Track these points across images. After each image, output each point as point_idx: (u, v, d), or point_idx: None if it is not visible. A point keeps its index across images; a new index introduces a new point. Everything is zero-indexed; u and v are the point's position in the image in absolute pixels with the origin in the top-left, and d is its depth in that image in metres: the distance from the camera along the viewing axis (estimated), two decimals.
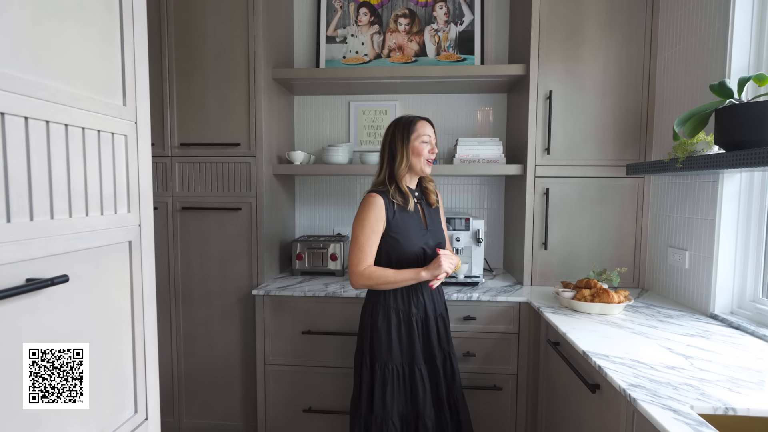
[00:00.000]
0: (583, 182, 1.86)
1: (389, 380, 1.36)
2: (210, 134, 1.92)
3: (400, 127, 1.40)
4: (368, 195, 1.37)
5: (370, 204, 1.35)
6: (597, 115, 1.84)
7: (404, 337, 1.39)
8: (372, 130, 2.35)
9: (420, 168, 1.40)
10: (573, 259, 1.89)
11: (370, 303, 1.43)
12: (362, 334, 1.44)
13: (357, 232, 1.36)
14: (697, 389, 0.93)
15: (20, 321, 0.54)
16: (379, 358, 1.37)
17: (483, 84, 2.09)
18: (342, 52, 2.27)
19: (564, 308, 1.55)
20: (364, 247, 1.35)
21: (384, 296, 1.40)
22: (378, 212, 1.35)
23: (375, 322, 1.39)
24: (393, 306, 1.39)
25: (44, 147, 0.57)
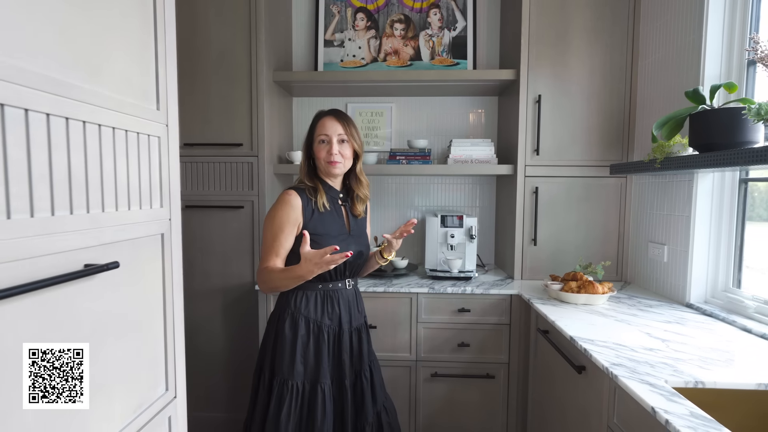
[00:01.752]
0: (570, 181, 1.97)
1: (286, 399, 1.24)
2: (213, 135, 1.98)
3: (311, 126, 1.37)
4: (284, 192, 1.32)
5: (282, 201, 1.29)
6: (583, 118, 1.95)
7: (311, 350, 1.28)
8: (369, 131, 2.43)
9: (324, 170, 1.33)
10: (561, 254, 2.00)
11: (278, 308, 1.33)
12: (265, 344, 1.33)
13: (264, 231, 1.29)
14: (671, 367, 1.03)
15: (78, 300, 0.61)
16: (279, 372, 1.26)
17: (475, 87, 2.19)
18: (340, 55, 2.35)
19: (552, 299, 1.65)
20: (269, 247, 1.26)
21: (295, 301, 1.30)
22: (289, 210, 1.27)
23: (281, 329, 1.28)
24: (303, 313, 1.29)
25: (96, 148, 0.64)
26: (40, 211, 0.54)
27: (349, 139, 1.35)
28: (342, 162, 1.34)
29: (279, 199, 1.30)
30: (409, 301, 1.85)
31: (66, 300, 0.59)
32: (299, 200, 1.30)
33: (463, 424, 1.87)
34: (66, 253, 0.58)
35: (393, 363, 1.87)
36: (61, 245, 0.57)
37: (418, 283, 1.91)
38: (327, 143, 1.32)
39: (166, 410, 0.82)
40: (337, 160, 1.32)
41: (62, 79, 0.57)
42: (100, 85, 0.65)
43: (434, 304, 1.84)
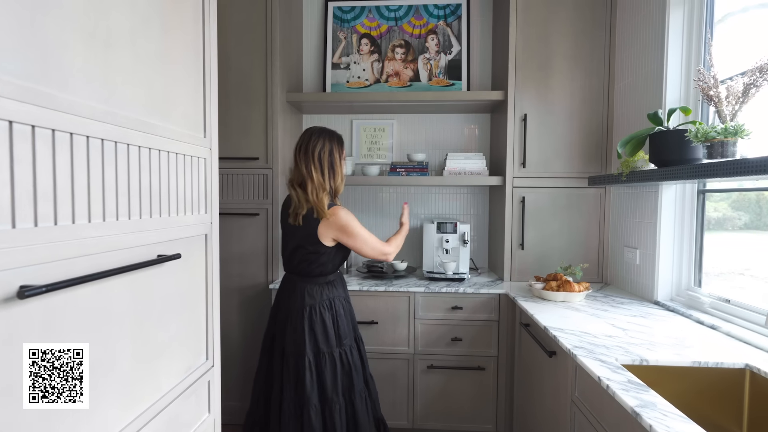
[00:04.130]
0: (554, 191, 2.17)
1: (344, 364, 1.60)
2: (232, 149, 2.21)
3: (336, 142, 1.59)
4: (337, 208, 1.54)
5: (345, 211, 1.56)
6: (565, 135, 2.16)
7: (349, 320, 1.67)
8: (371, 145, 2.65)
9: (342, 184, 1.62)
10: (546, 257, 2.19)
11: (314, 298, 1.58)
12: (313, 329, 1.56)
13: (358, 231, 1.57)
14: (624, 349, 1.22)
15: (153, 281, 0.83)
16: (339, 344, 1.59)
17: (469, 106, 2.41)
18: (346, 77, 2.58)
19: (535, 297, 1.85)
20: (374, 237, 1.63)
21: (331, 288, 1.62)
22: (354, 215, 1.60)
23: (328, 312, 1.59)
24: (341, 295, 1.66)
25: (166, 168, 0.87)
26: (134, 214, 0.76)
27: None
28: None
29: (347, 215, 1.56)
30: (407, 299, 2.05)
31: (146, 280, 0.80)
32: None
33: (456, 412, 2.06)
34: (147, 246, 0.80)
35: (393, 356, 2.06)
36: (145, 240, 0.79)
37: (416, 283, 2.12)
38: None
39: (206, 375, 1.03)
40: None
41: (147, 120, 0.80)
42: (169, 123, 0.87)
43: (430, 302, 2.04)
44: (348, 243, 1.57)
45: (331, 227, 1.53)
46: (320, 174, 1.55)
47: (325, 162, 1.56)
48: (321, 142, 1.59)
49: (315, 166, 1.55)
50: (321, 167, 1.56)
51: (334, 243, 1.58)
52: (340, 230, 1.54)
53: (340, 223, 1.53)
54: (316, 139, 1.59)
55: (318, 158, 1.56)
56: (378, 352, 2.07)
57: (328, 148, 1.58)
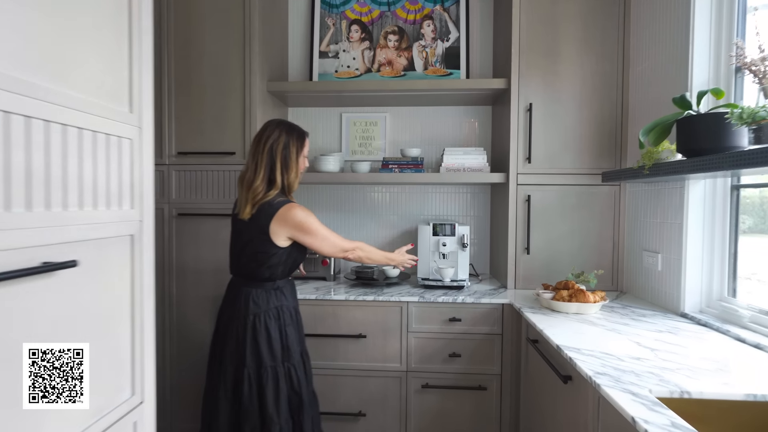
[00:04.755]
0: (563, 189, 1.96)
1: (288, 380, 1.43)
2: (206, 143, 2.00)
3: (294, 136, 1.45)
4: (293, 205, 1.40)
5: (301, 208, 1.41)
6: (575, 126, 1.94)
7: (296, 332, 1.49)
8: (363, 140, 2.44)
9: (296, 181, 1.46)
10: (554, 263, 1.97)
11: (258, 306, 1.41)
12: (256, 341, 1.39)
13: (316, 228, 1.43)
14: (657, 376, 1.00)
15: (34, 299, 0.61)
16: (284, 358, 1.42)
17: (468, 97, 2.20)
18: (334, 66, 2.38)
19: (544, 309, 1.62)
20: (334, 235, 1.49)
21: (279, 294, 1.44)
22: (311, 212, 1.45)
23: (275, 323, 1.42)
24: (288, 303, 1.47)
25: (59, 146, 0.65)
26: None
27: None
28: None
29: (301, 211, 1.41)
30: (399, 310, 1.83)
31: (24, 297, 0.58)
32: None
33: None
34: (22, 250, 0.58)
35: (383, 374, 1.84)
36: (15, 241, 0.57)
37: (410, 291, 1.89)
38: (306, 158, 1.53)
39: (131, 415, 0.81)
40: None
41: (24, 78, 0.58)
42: (65, 87, 0.65)
43: (425, 314, 1.82)
44: (306, 241, 1.43)
45: (287, 225, 1.38)
46: (269, 168, 1.42)
47: (277, 155, 1.42)
48: (276, 133, 1.45)
49: (263, 158, 1.42)
50: (271, 160, 1.42)
51: (289, 242, 1.42)
52: (296, 228, 1.40)
53: (297, 220, 1.39)
54: (271, 130, 1.46)
55: (269, 150, 1.43)
56: (366, 369, 1.84)
57: (283, 141, 1.44)
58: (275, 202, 1.38)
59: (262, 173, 1.41)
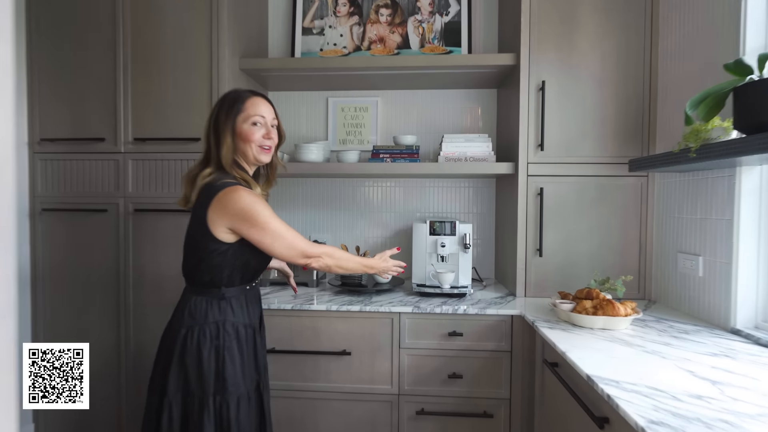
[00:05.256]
0: (581, 181, 1.68)
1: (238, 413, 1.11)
2: (168, 128, 1.73)
3: (226, 100, 1.17)
4: (237, 187, 1.07)
5: (256, 197, 1.09)
6: (595, 108, 1.67)
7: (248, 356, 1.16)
8: (352, 128, 2.17)
9: (253, 156, 1.16)
10: (571, 267, 1.69)
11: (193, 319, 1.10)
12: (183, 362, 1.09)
13: (266, 220, 1.07)
14: (735, 427, 0.72)
15: None
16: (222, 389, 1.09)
17: (471, 77, 1.93)
18: (319, 44, 2.11)
19: (562, 322, 1.35)
20: (293, 234, 1.13)
21: (223, 306, 1.12)
22: (260, 198, 1.11)
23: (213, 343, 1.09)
24: (234, 318, 1.13)
25: None
26: None
27: (279, 122, 1.25)
28: (272, 149, 1.21)
29: (248, 196, 1.08)
30: (390, 322, 1.55)
31: None
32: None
33: None
34: None
35: (370, 398, 1.56)
36: None
37: (402, 300, 1.62)
38: (262, 126, 1.17)
39: None
40: (271, 146, 1.20)
41: None
42: None
43: (420, 327, 1.54)
44: (252, 237, 1.09)
45: (225, 212, 1.07)
46: (205, 147, 1.19)
47: (210, 127, 1.17)
48: (214, 107, 1.20)
49: (204, 134, 1.20)
50: (207, 135, 1.18)
51: (236, 238, 1.11)
52: (237, 217, 1.07)
53: (238, 206, 1.06)
54: (215, 105, 1.21)
55: (206, 125, 1.20)
56: (351, 392, 1.56)
57: (215, 110, 1.18)
58: (218, 183, 1.09)
59: (203, 153, 1.19)
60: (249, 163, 1.20)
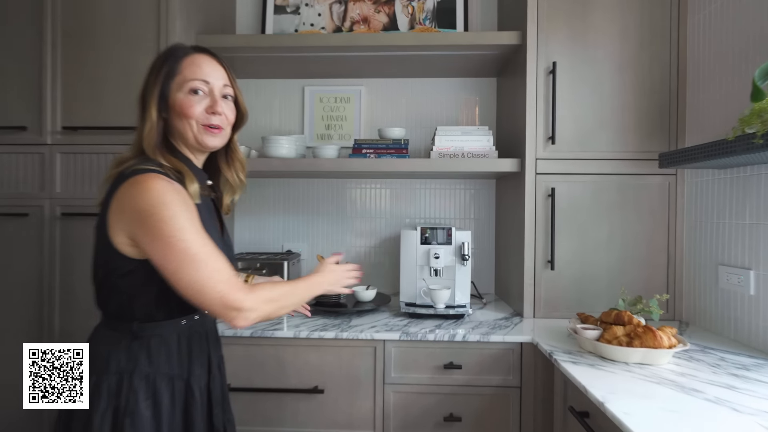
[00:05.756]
0: (599, 180, 1.43)
1: None
2: (105, 116, 1.44)
3: (155, 64, 0.84)
4: (149, 175, 0.74)
5: (170, 188, 0.74)
6: (614, 94, 1.42)
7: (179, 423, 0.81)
8: (331, 121, 1.89)
9: (194, 137, 0.83)
10: (588, 282, 1.43)
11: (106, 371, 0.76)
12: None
13: (177, 227, 0.71)
14: None
15: None
16: None
17: (468, 63, 1.67)
18: (294, 24, 1.84)
19: (587, 354, 1.08)
20: (208, 255, 0.73)
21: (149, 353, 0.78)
22: (183, 197, 0.76)
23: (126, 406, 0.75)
24: (164, 369, 0.79)
25: None
26: None
27: (236, 92, 0.90)
28: (225, 129, 0.87)
29: (160, 189, 0.73)
30: (372, 351, 1.26)
31: None
32: (177, 184, 0.78)
33: None
34: None
35: None
36: None
37: (388, 323, 1.33)
38: (206, 95, 0.84)
39: None
40: (221, 125, 0.86)
41: None
42: None
43: (410, 357, 1.26)
44: (152, 253, 0.73)
45: (123, 212, 0.74)
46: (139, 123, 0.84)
47: (140, 103, 0.84)
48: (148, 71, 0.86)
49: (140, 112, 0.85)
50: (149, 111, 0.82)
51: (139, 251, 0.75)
52: (134, 220, 0.72)
53: (140, 203, 0.72)
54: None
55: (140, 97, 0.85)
56: None
57: (146, 76, 0.85)
58: (127, 171, 0.77)
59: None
60: (191, 149, 0.87)
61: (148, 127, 0.81)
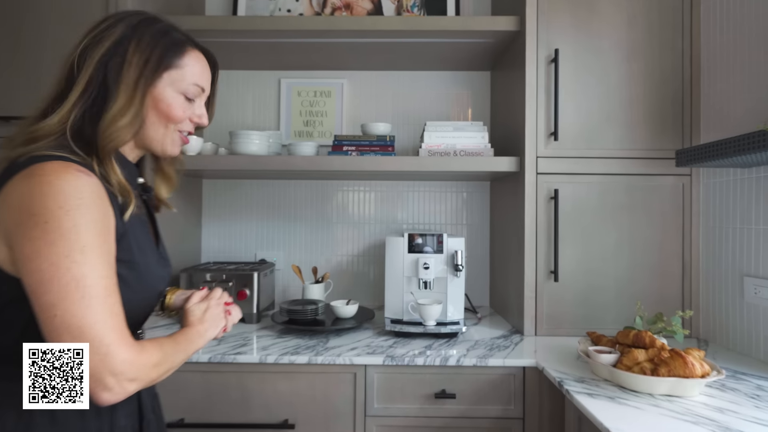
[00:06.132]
0: (606, 181, 1.28)
1: None
2: None
3: (147, 36, 0.64)
4: (51, 164, 0.54)
5: (76, 184, 0.54)
6: (621, 86, 1.28)
7: None
8: (310, 117, 1.72)
9: (161, 144, 0.68)
10: (595, 294, 1.27)
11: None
12: None
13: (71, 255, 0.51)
14: None
15: None
16: None
17: (461, 52, 1.52)
18: (269, 9, 1.67)
19: (603, 382, 0.92)
20: (109, 287, 0.54)
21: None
22: (101, 203, 0.56)
23: None
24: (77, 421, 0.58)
25: None
26: None
27: (213, 99, 0.77)
28: (188, 140, 0.74)
29: (72, 183, 0.53)
30: (352, 378, 1.08)
31: None
32: (102, 187, 0.58)
33: None
34: None
35: None
36: None
37: (371, 344, 1.16)
38: (190, 102, 0.69)
39: None
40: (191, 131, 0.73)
41: None
42: None
43: (395, 384, 1.08)
44: (26, 268, 0.51)
45: (10, 207, 0.53)
46: (64, 83, 0.62)
47: (91, 75, 0.61)
48: (118, 31, 0.63)
49: (64, 65, 0.63)
50: (71, 67, 0.62)
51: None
52: (21, 221, 0.51)
53: (38, 201, 0.51)
54: (108, 24, 0.64)
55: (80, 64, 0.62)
56: None
57: (112, 44, 0.62)
58: (33, 155, 0.55)
59: (50, 94, 0.63)
60: (136, 147, 0.69)
61: (117, 113, 0.61)
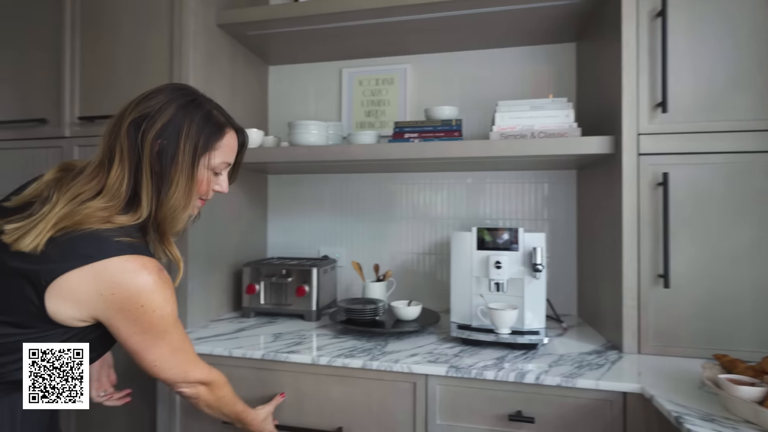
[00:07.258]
0: (737, 161, 1.01)
1: None
2: (121, 102, 1.30)
3: (199, 119, 0.71)
4: (141, 259, 0.64)
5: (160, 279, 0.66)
6: (758, 39, 1.00)
7: None
8: (372, 107, 1.64)
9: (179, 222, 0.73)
10: (722, 305, 1.00)
11: None
12: None
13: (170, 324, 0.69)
14: None
15: None
16: None
17: (539, 20, 1.32)
18: None
19: (741, 423, 0.68)
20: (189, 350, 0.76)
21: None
22: (171, 285, 0.70)
23: None
24: None
25: None
26: None
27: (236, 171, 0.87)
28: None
29: (157, 279, 0.66)
30: (411, 388, 0.96)
31: None
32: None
33: None
34: None
35: None
36: None
37: (434, 351, 1.03)
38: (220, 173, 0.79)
39: None
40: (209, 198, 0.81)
41: None
42: None
43: (461, 400, 0.94)
44: (134, 344, 0.67)
45: (102, 296, 0.61)
46: (133, 171, 0.69)
47: (147, 151, 0.68)
48: (169, 112, 0.70)
49: (125, 149, 0.68)
50: (137, 158, 0.68)
51: (83, 325, 0.63)
52: (123, 308, 0.63)
53: (132, 294, 0.63)
54: (160, 103, 0.71)
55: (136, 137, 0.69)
56: None
57: (175, 129, 0.69)
58: (114, 241, 0.64)
59: (126, 176, 0.68)
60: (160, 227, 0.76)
61: (172, 200, 0.69)
